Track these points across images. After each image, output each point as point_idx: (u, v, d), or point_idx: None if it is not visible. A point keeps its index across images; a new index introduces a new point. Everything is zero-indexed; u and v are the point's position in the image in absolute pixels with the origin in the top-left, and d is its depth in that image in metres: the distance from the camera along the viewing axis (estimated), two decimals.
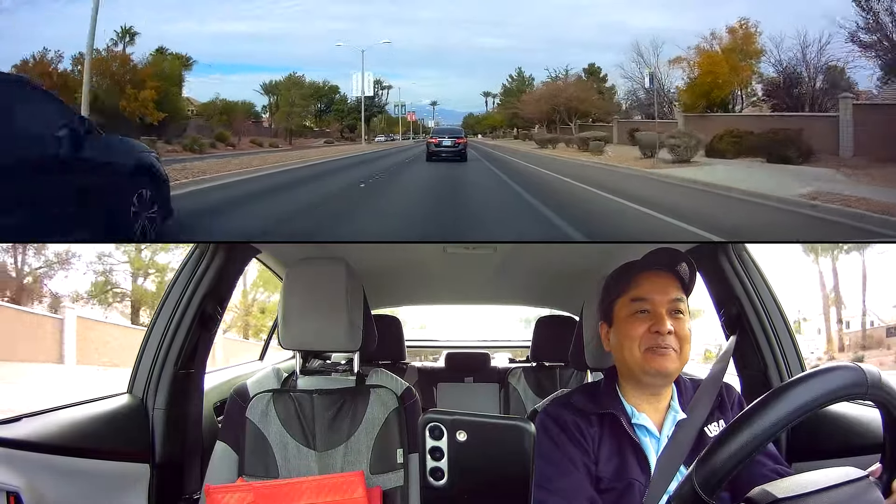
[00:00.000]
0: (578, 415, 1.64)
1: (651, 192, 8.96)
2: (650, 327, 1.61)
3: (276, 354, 4.32)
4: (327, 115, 19.81)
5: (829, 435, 1.97)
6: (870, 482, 1.12)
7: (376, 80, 18.76)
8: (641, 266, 1.68)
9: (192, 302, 2.42)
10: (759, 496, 1.11)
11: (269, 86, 18.64)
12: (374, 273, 3.37)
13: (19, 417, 1.92)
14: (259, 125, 18.61)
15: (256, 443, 2.04)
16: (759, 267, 2.38)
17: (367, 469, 2.03)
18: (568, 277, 3.51)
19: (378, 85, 19.28)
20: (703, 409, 1.62)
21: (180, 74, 15.83)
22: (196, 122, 16.47)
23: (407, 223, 7.19)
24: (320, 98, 19.48)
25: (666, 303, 1.62)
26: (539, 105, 18.69)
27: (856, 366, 1.09)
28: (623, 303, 1.67)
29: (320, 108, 19.73)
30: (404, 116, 20.20)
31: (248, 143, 17.24)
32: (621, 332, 1.65)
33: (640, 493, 1.53)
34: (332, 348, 2.18)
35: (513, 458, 1.06)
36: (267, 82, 18.59)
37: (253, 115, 18.35)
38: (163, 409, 2.31)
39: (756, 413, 1.07)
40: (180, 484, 2.34)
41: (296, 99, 18.55)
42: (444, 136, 14.59)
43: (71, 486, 1.86)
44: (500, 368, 4.34)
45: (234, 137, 16.60)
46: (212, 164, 12.25)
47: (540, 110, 18.66)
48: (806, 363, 2.32)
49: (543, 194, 9.01)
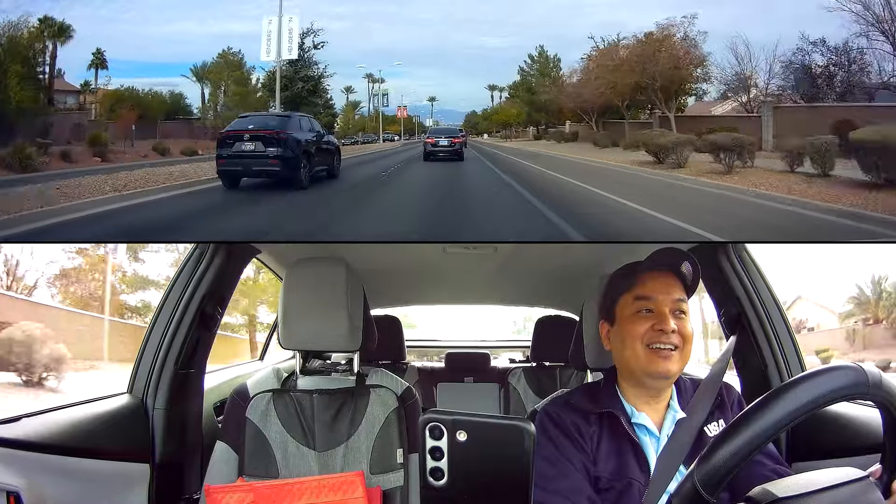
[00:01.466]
0: (578, 414, 1.64)
1: None
2: (653, 326, 1.61)
3: (276, 354, 4.33)
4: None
5: (829, 435, 1.97)
6: (870, 482, 1.12)
7: (307, 31, 12.93)
8: (646, 265, 1.68)
9: (192, 302, 2.43)
10: (760, 496, 1.11)
11: (199, 70, 14.42)
12: (374, 273, 3.37)
13: (19, 417, 1.92)
14: (190, 124, 14.58)
15: (256, 443, 2.03)
16: (759, 267, 2.38)
17: (367, 469, 2.03)
18: (568, 277, 3.51)
19: (309, 37, 13.17)
20: (703, 409, 1.62)
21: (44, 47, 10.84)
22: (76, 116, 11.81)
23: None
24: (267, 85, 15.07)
25: (670, 302, 1.62)
26: (617, 77, 13.20)
27: (856, 366, 1.09)
28: (626, 301, 1.67)
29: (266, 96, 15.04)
30: (375, 111, 16.82)
31: (151, 150, 12.18)
32: (624, 330, 1.66)
33: (640, 492, 1.53)
34: (332, 348, 2.18)
35: (513, 459, 1.06)
36: (199, 65, 14.11)
37: (183, 111, 14.26)
38: (163, 409, 2.31)
39: (756, 413, 1.07)
40: (180, 484, 2.34)
41: (229, 84, 14.34)
42: (440, 136, 14.78)
43: (71, 486, 1.86)
44: (500, 368, 4.35)
45: (124, 142, 11.93)
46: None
47: (622, 85, 13.17)
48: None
49: None
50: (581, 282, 2.87)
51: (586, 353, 1.96)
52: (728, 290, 2.36)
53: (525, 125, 17.21)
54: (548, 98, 16.17)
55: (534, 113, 17.04)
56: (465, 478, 1.06)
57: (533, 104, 17.06)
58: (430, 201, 8.83)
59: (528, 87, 16.95)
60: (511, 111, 16.86)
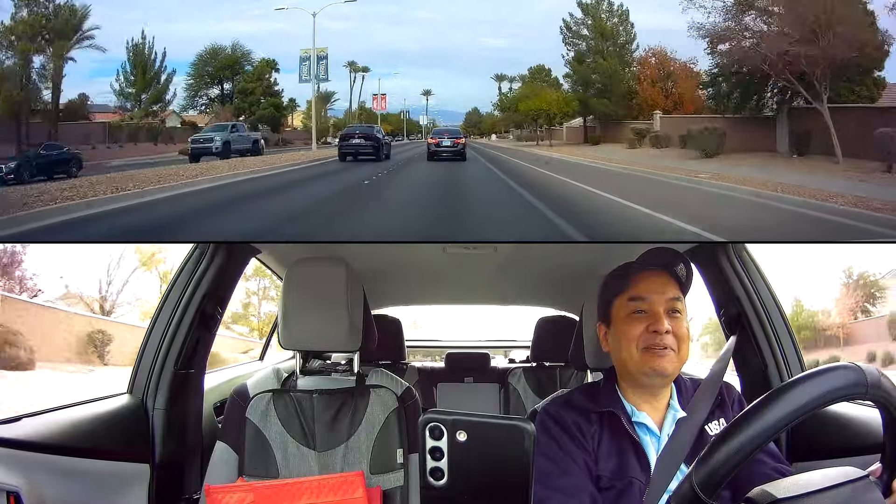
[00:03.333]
0: (578, 413, 1.64)
1: None
2: (648, 327, 1.61)
3: (276, 354, 4.33)
4: (228, 101, 14.32)
5: (829, 435, 1.97)
6: (870, 482, 1.12)
7: None
8: (638, 266, 1.69)
9: (192, 302, 2.43)
10: (759, 496, 1.11)
11: None
12: (374, 273, 3.37)
13: (19, 417, 1.92)
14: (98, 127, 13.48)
15: (256, 443, 2.04)
16: (759, 267, 2.38)
17: (367, 469, 2.03)
18: (568, 277, 3.51)
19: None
20: (704, 408, 1.62)
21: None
22: None
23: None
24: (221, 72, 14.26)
25: (663, 302, 1.62)
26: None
27: (856, 366, 1.09)
28: (620, 303, 1.67)
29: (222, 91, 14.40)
30: (360, 107, 14.37)
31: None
32: (619, 332, 1.66)
33: (641, 491, 1.53)
34: (332, 348, 2.18)
35: (513, 458, 1.06)
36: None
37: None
38: (163, 410, 2.31)
39: (756, 413, 1.07)
40: (180, 484, 2.34)
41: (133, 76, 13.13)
42: (443, 136, 15.16)
43: (71, 486, 1.87)
44: (500, 368, 4.34)
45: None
46: None
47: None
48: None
49: None
50: (581, 282, 2.86)
51: (586, 353, 1.96)
52: (728, 290, 2.36)
53: (571, 117, 10.64)
54: (618, 70, 9.88)
55: (593, 100, 10.13)
56: (465, 478, 1.07)
57: (591, 84, 10.18)
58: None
59: (580, 57, 10.59)
60: (549, 96, 10.43)
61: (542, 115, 11.12)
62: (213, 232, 6.64)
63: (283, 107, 15.63)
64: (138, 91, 14.06)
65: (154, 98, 14.24)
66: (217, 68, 15.11)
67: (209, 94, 15.34)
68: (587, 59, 10.24)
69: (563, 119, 11.09)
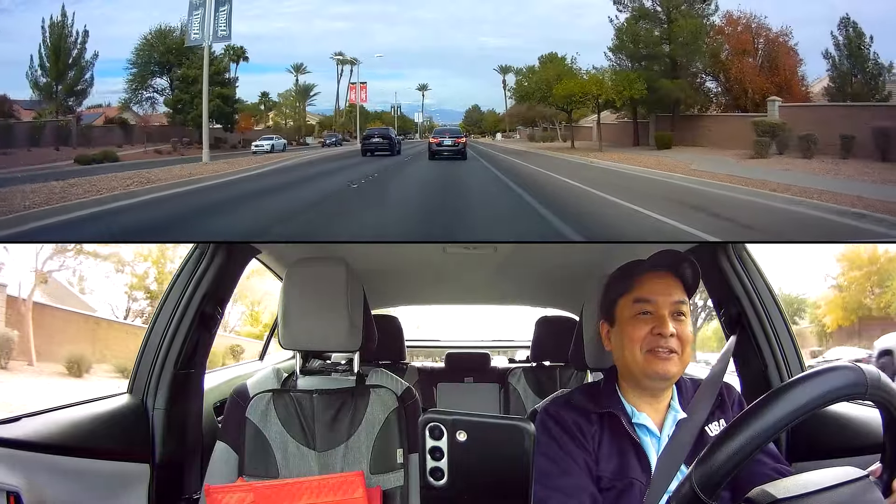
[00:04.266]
0: (578, 413, 1.64)
1: None
2: (652, 329, 1.60)
3: (276, 354, 4.33)
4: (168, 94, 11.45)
5: (829, 435, 1.97)
6: (870, 482, 1.12)
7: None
8: (645, 267, 1.68)
9: (192, 302, 2.43)
10: (759, 496, 1.11)
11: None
12: (374, 273, 3.37)
13: (19, 417, 1.92)
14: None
15: (256, 443, 2.04)
16: (759, 267, 2.38)
17: (367, 469, 2.03)
18: (568, 277, 3.51)
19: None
20: (704, 409, 1.62)
21: None
22: None
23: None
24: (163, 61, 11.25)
25: (669, 304, 1.62)
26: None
27: (856, 366, 1.09)
28: (625, 303, 1.67)
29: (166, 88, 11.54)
30: (349, 105, 12.46)
31: None
32: (623, 333, 1.65)
33: (641, 492, 1.53)
34: (332, 348, 2.18)
35: (513, 458, 1.06)
36: None
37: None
38: (163, 409, 2.31)
39: (756, 413, 1.07)
40: (180, 484, 2.34)
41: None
42: (444, 136, 15.58)
43: (71, 486, 1.87)
44: (500, 368, 4.34)
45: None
46: None
47: None
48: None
49: None
50: (581, 282, 2.87)
51: (586, 353, 1.96)
52: (728, 290, 2.36)
53: (622, 110, 7.71)
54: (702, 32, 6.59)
55: (665, 81, 7.05)
56: (465, 478, 1.07)
57: (657, 57, 7.11)
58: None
59: (635, 37, 7.72)
60: (595, 77, 7.48)
61: (588, 100, 8.11)
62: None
63: (233, 99, 12.78)
64: (51, 81, 11.09)
65: (68, 88, 11.04)
66: (162, 53, 12.22)
67: (154, 86, 12.78)
68: (646, 24, 6.84)
69: (620, 105, 7.72)
